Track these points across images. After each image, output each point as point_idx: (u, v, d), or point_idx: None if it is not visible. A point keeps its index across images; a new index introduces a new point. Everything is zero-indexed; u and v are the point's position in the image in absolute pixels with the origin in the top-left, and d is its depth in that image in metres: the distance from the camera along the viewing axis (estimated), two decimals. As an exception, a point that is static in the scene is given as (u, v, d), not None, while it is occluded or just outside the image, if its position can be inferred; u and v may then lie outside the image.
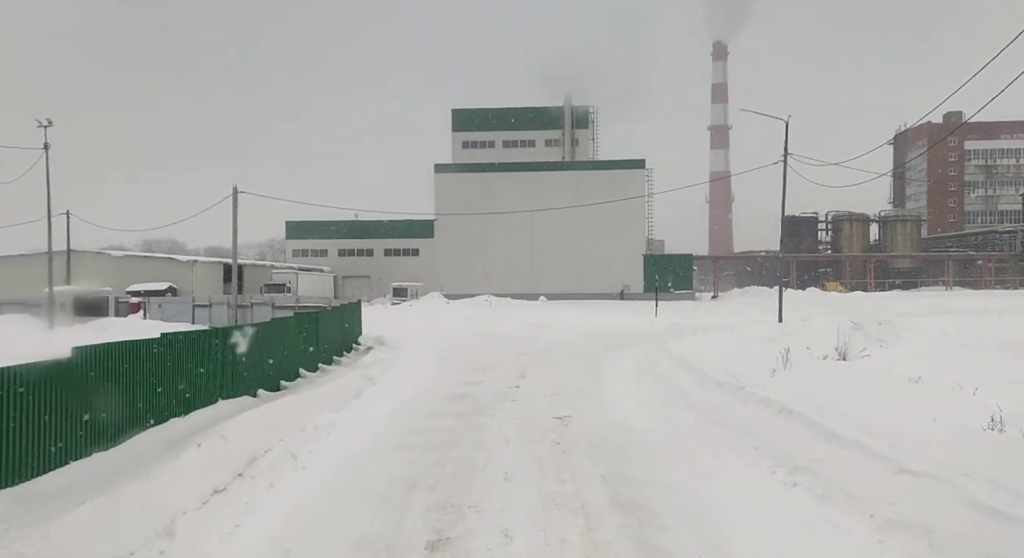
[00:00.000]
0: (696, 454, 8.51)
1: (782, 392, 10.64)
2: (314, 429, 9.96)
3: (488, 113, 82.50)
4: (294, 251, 78.52)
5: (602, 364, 18.03)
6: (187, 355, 9.42)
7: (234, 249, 27.99)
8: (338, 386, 13.23)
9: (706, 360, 14.98)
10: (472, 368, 18.02)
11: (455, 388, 14.83)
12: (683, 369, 14.61)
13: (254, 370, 11.52)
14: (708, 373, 12.89)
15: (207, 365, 9.82)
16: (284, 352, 13.37)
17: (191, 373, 9.48)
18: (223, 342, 10.34)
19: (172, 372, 9.02)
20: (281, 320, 13.62)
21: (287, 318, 13.91)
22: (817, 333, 23.52)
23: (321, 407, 11.33)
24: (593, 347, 22.31)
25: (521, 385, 15.08)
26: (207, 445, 7.49)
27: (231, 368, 10.61)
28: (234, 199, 27.27)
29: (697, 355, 15.95)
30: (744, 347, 18.60)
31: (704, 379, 12.52)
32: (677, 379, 13.81)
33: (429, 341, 24.81)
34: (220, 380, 10.29)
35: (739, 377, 12.65)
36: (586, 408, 12.08)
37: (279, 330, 13.18)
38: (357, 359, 17.90)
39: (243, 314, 29.31)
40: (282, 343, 13.30)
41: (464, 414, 11.86)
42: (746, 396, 10.40)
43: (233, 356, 10.78)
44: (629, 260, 73.75)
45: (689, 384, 12.86)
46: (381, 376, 15.32)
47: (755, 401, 9.92)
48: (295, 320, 14.28)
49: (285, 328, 13.58)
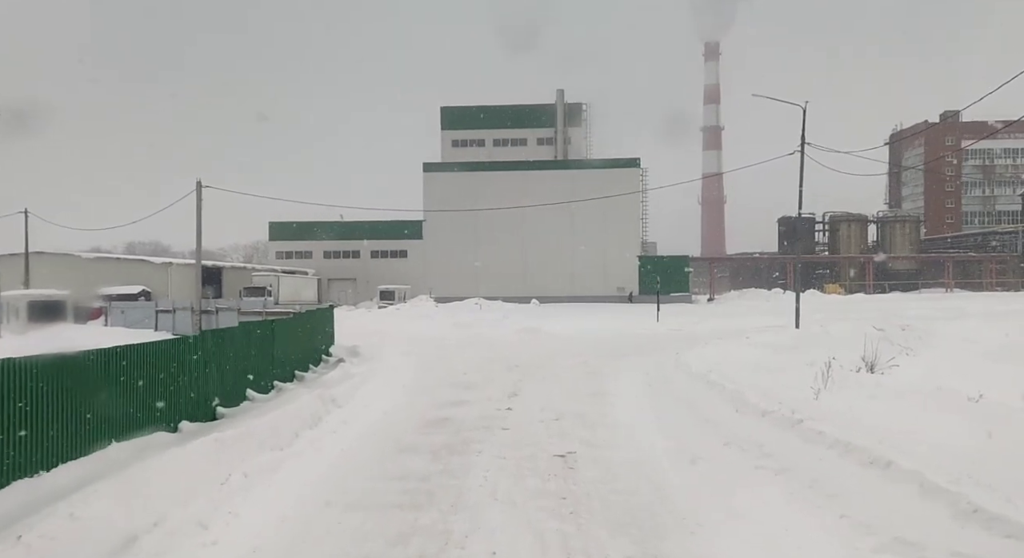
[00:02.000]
0: (759, 522, 6.17)
1: (842, 423, 8.36)
2: (243, 479, 7.57)
3: (478, 111, 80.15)
4: (277, 253, 75.89)
5: (606, 379, 15.71)
6: (59, 388, 6.97)
7: (198, 249, 25.53)
8: (291, 412, 10.85)
9: (731, 376, 12.69)
10: (457, 384, 15.67)
11: (435, 411, 12.49)
12: (706, 387, 12.31)
13: (176, 397, 9.14)
14: (742, 394, 10.57)
15: (92, 398, 7.38)
16: (225, 370, 10.99)
17: (65, 411, 7.04)
18: (118, 364, 7.90)
19: (34, 411, 6.59)
20: (223, 332, 11.26)
21: (230, 329, 11.59)
22: (840, 340, 21.27)
23: (262, 444, 8.95)
24: (593, 357, 20.00)
25: (513, 406, 12.75)
26: (36, 535, 5.05)
27: (135, 398, 8.21)
28: (198, 194, 24.81)
29: (719, 369, 13.66)
30: (768, 359, 16.34)
31: (739, 403, 10.20)
32: (701, 401, 11.50)
33: (412, 350, 22.46)
34: (115, 415, 7.84)
35: (780, 400, 10.37)
36: (594, 441, 9.75)
37: (218, 344, 10.80)
38: (323, 375, 15.51)
39: (207, 320, 26.89)
40: (222, 360, 10.92)
41: (443, 450, 9.51)
42: (805, 432, 8.07)
43: (142, 381, 8.40)
44: (623, 262, 71.54)
45: (719, 409, 10.55)
46: (348, 396, 12.94)
47: (824, 443, 7.57)
48: (242, 331, 11.91)
49: (227, 341, 11.20)
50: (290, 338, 14.91)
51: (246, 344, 12.01)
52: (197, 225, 24.96)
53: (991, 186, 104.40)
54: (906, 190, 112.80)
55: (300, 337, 15.87)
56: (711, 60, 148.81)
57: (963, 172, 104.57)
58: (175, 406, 9.03)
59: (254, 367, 12.33)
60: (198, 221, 24.85)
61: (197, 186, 24.74)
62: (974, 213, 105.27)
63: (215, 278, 60.08)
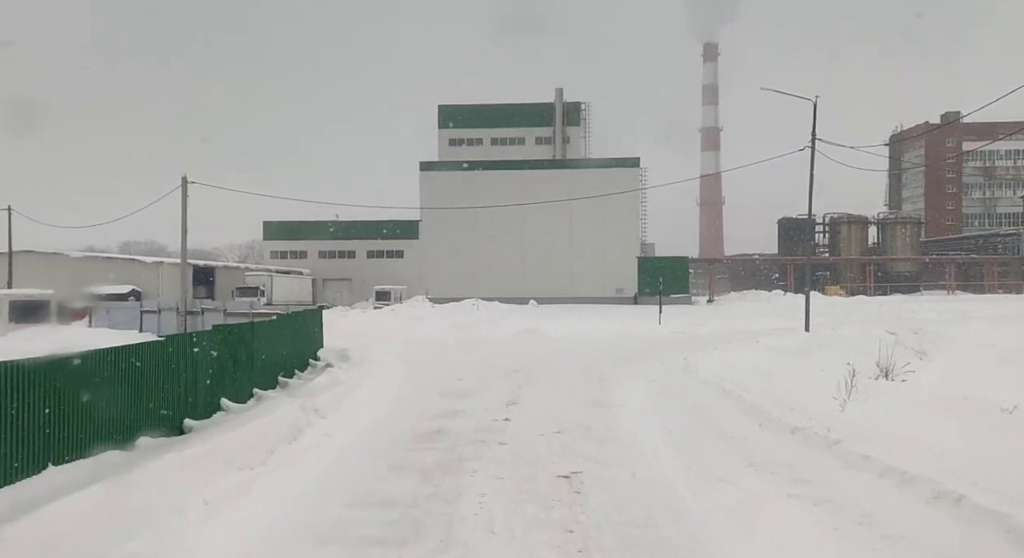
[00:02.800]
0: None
1: (886, 444, 7.41)
2: (203, 507, 6.60)
3: (476, 109, 79.20)
4: (272, 253, 74.83)
5: (611, 386, 14.76)
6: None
7: (183, 248, 24.52)
8: (269, 424, 9.88)
9: (747, 384, 11.74)
10: (452, 391, 14.72)
11: (427, 422, 11.53)
12: (721, 397, 11.35)
13: (132, 410, 8.16)
14: (763, 407, 9.61)
15: (23, 415, 6.38)
16: (195, 377, 10.01)
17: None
18: (59, 374, 6.90)
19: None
20: (192, 336, 10.28)
21: (201, 333, 10.62)
22: (853, 344, 20.37)
23: (230, 462, 7.98)
24: (596, 361, 19.04)
25: (512, 417, 11.79)
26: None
27: (79, 413, 7.20)
28: (183, 191, 23.82)
29: (732, 376, 12.71)
30: (781, 364, 15.40)
31: (762, 416, 9.24)
32: (717, 412, 10.55)
33: (405, 354, 21.50)
34: (54, 433, 6.83)
35: (805, 412, 9.43)
36: (602, 459, 8.79)
37: (187, 349, 9.82)
38: (309, 381, 14.53)
39: (193, 321, 25.90)
40: (192, 366, 9.94)
41: (434, 469, 8.55)
42: (845, 454, 7.09)
43: (88, 394, 7.42)
44: (623, 263, 70.60)
45: (738, 422, 9.59)
46: (333, 405, 11.97)
47: (873, 470, 6.57)
48: (216, 334, 10.92)
49: (197, 346, 10.22)
50: (273, 341, 13.93)
51: (221, 348, 11.03)
52: (182, 222, 23.96)
53: (992, 188, 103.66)
54: (906, 192, 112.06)
55: (285, 340, 14.89)
56: (710, 61, 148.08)
57: (964, 174, 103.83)
58: (130, 420, 8.05)
59: (230, 373, 11.35)
60: (183, 218, 23.85)
61: (182, 182, 23.75)
62: (974, 215, 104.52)
63: (208, 278, 59.04)
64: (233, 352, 11.53)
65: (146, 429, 8.51)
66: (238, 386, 11.61)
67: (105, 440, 7.71)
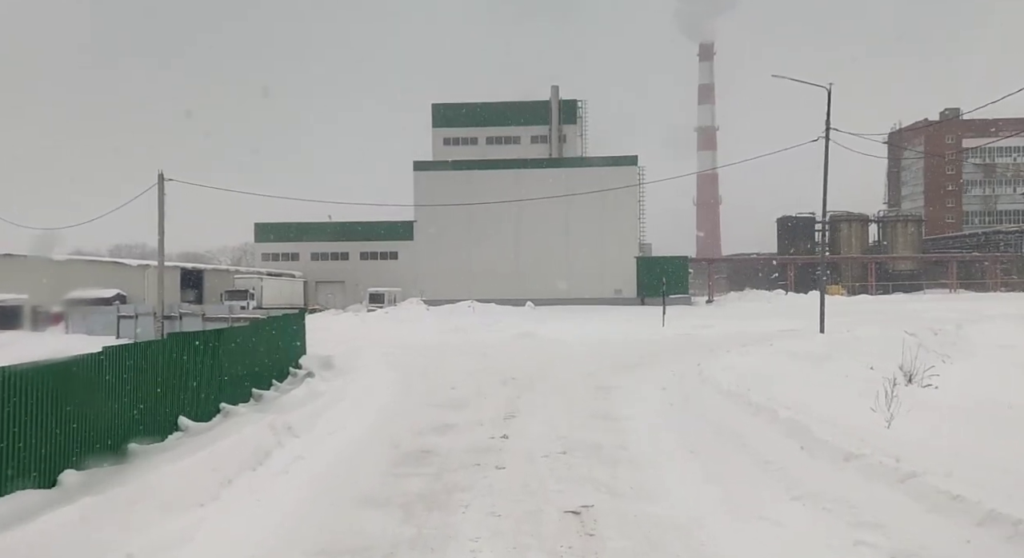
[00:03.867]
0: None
1: (964, 473, 6.12)
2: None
3: (470, 107, 77.90)
4: (263, 255, 73.41)
5: (619, 397, 13.46)
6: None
7: (160, 248, 23.14)
8: (230, 447, 8.57)
9: (777, 396, 10.45)
10: (444, 402, 13.42)
11: (415, 440, 10.23)
12: (747, 410, 10.06)
13: (57, 435, 6.81)
14: (803, 425, 8.30)
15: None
16: (146, 393, 8.68)
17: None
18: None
19: None
20: (146, 345, 8.95)
21: (156, 342, 9.27)
22: (873, 347, 19.13)
23: (172, 502, 6.65)
24: (600, 368, 17.74)
25: (510, 433, 10.49)
26: None
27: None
28: (160, 188, 22.46)
29: (757, 386, 11.42)
30: (804, 371, 14.15)
31: (803, 437, 7.92)
32: (745, 429, 9.25)
33: (396, 360, 20.18)
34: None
35: (849, 429, 8.15)
36: (617, 489, 7.49)
37: (138, 360, 8.48)
38: (286, 393, 13.19)
39: (171, 326, 24.53)
40: (143, 379, 8.61)
41: (418, 502, 7.25)
42: (925, 492, 5.77)
43: (16, 415, 6.10)
44: (621, 263, 69.36)
45: (774, 443, 8.29)
46: (309, 422, 10.65)
47: (969, 516, 5.26)
48: (175, 343, 9.58)
49: (151, 356, 8.89)
50: (246, 349, 12.60)
51: (181, 358, 9.70)
52: (159, 222, 22.60)
53: (992, 185, 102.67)
54: (905, 190, 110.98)
55: (260, 347, 13.55)
56: (705, 60, 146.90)
57: (964, 171, 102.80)
58: (52, 449, 6.70)
59: (193, 386, 10.02)
60: (160, 218, 22.50)
61: (159, 179, 22.40)
62: (974, 212, 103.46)
63: (196, 281, 57.65)
64: (196, 362, 10.20)
65: (77, 459, 7.17)
66: (201, 401, 10.28)
67: (22, 475, 6.38)
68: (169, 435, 9.15)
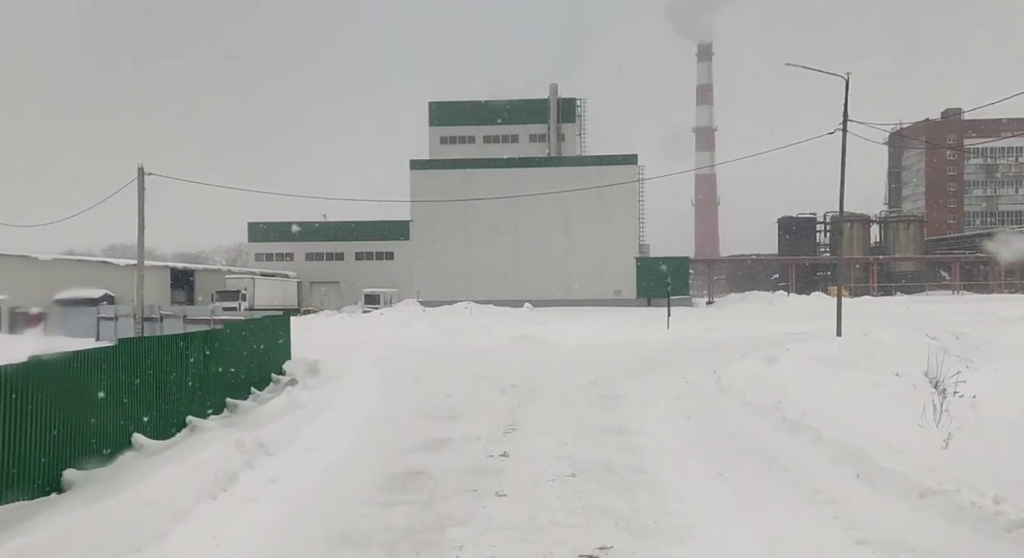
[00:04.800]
0: None
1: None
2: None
3: (468, 106, 76.78)
4: (257, 255, 72.17)
5: (629, 407, 12.33)
6: None
7: (140, 246, 21.92)
8: (190, 470, 7.42)
9: (809, 409, 9.33)
10: (437, 413, 12.28)
11: (403, 458, 9.10)
12: (780, 425, 8.94)
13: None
14: (855, 446, 7.17)
15: None
16: (87, 409, 7.53)
17: None
18: None
19: None
20: (84, 354, 7.80)
21: (103, 349, 8.12)
22: (896, 352, 18.06)
23: (110, 542, 5.50)
24: (605, 373, 16.61)
25: (511, 451, 9.36)
26: None
27: None
28: (140, 182, 21.28)
29: (781, 396, 10.30)
30: (829, 379, 13.05)
31: (856, 462, 6.79)
32: (781, 450, 8.12)
33: (388, 364, 19.06)
34: None
35: (901, 450, 7.03)
36: (639, 524, 6.36)
37: (79, 370, 7.34)
38: (263, 403, 12.04)
39: (151, 328, 23.38)
40: (85, 392, 7.46)
41: (404, 540, 6.12)
42: None
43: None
44: (620, 264, 68.25)
45: (819, 468, 7.17)
46: (285, 438, 9.51)
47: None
48: (127, 349, 8.42)
49: (97, 365, 7.74)
50: (220, 355, 11.45)
51: (139, 366, 8.55)
52: (139, 219, 21.39)
53: (994, 186, 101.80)
54: (906, 190, 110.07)
55: (237, 353, 12.40)
56: (704, 61, 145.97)
57: (965, 171, 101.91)
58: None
59: (151, 398, 8.88)
60: (140, 214, 21.30)
61: (139, 174, 21.21)
62: (976, 213, 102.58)
63: (187, 281, 56.44)
64: (158, 370, 9.05)
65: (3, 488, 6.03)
66: (162, 414, 9.13)
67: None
68: (119, 455, 7.99)
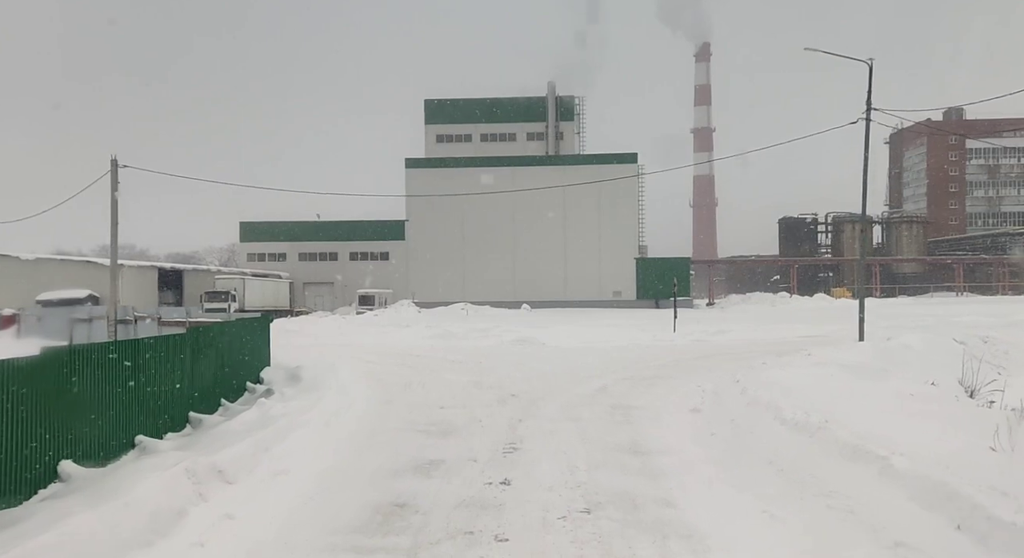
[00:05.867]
0: None
1: None
2: None
3: (464, 103, 75.44)
4: (249, 255, 70.75)
5: (643, 420, 10.98)
6: None
7: (113, 240, 20.49)
8: (118, 512, 6.04)
9: (852, 425, 7.98)
10: (429, 428, 10.92)
11: (387, 485, 7.75)
12: (827, 449, 7.58)
13: None
14: (951, 487, 5.82)
15: None
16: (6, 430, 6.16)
17: None
18: None
19: None
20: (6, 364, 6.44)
21: (29, 358, 6.76)
22: (925, 358, 16.72)
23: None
24: (613, 381, 15.26)
25: (512, 477, 8.00)
26: None
27: None
28: (112, 174, 19.88)
29: (823, 411, 8.96)
30: (864, 389, 11.69)
31: (953, 506, 5.45)
32: (836, 482, 6.76)
33: (378, 370, 17.72)
34: None
35: (991, 483, 5.69)
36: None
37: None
38: (232, 417, 10.63)
39: (125, 330, 21.98)
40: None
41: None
42: None
43: None
44: (620, 264, 66.98)
45: (893, 508, 5.84)
46: (251, 461, 8.13)
47: None
48: (50, 359, 7.03)
49: (23, 378, 6.37)
50: (184, 363, 10.07)
51: (76, 378, 7.17)
52: (112, 214, 19.97)
53: (996, 186, 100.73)
54: (907, 191, 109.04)
55: (206, 360, 11.02)
56: (702, 61, 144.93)
57: (967, 172, 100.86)
58: None
59: (89, 416, 7.50)
60: (113, 209, 19.87)
61: (112, 166, 19.81)
62: (978, 214, 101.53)
63: (176, 282, 54.98)
64: (98, 384, 7.68)
65: None
66: (104, 436, 7.76)
67: None
68: (40, 489, 6.60)
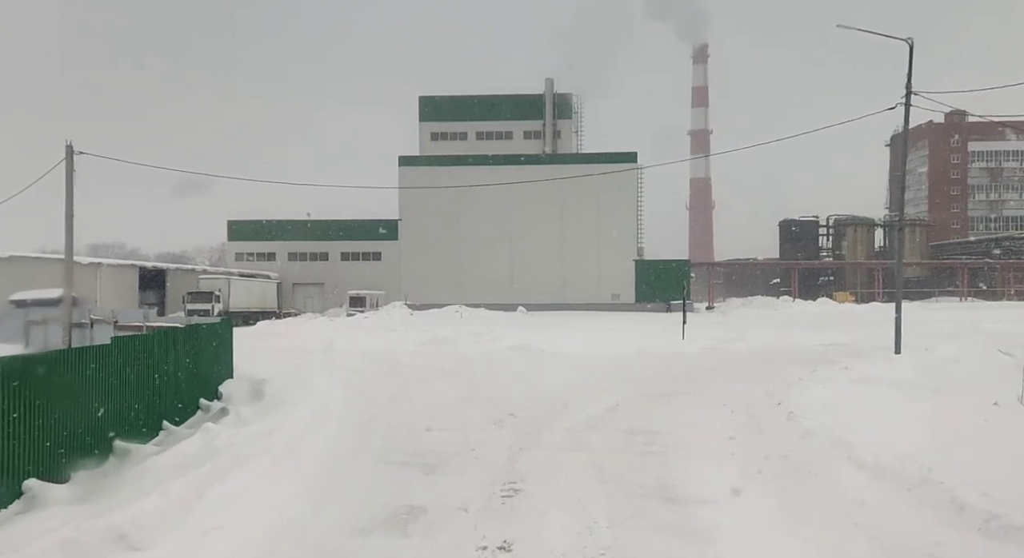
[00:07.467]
0: None
1: None
2: None
3: (460, 100, 73.54)
4: (236, 255, 68.69)
5: (672, 452, 9.10)
6: None
7: (68, 232, 18.48)
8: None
9: (967, 474, 6.16)
10: (412, 457, 9.05)
11: (350, 549, 5.85)
12: (936, 511, 5.77)
13: None
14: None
15: None
16: None
17: None
18: None
19: None
20: None
21: None
22: (970, 371, 14.94)
23: None
24: (625, 397, 13.35)
25: (513, 539, 6.13)
26: None
27: None
28: (68, 162, 17.96)
29: (917, 453, 7.13)
30: (923, 411, 9.90)
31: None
32: None
33: (359, 380, 15.81)
34: None
35: None
36: None
37: None
38: (167, 449, 8.72)
39: (80, 335, 20.05)
40: None
41: None
42: None
43: None
44: (618, 266, 65.17)
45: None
46: (174, 516, 6.22)
47: None
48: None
49: None
50: (114, 377, 8.17)
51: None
52: (67, 205, 18.02)
53: (999, 190, 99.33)
54: (908, 194, 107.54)
55: (145, 373, 9.12)
56: (699, 62, 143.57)
57: (969, 175, 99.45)
58: None
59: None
60: (68, 200, 17.94)
61: (67, 152, 17.88)
62: (979, 217, 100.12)
63: (158, 282, 52.91)
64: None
65: None
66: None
67: None
68: None
